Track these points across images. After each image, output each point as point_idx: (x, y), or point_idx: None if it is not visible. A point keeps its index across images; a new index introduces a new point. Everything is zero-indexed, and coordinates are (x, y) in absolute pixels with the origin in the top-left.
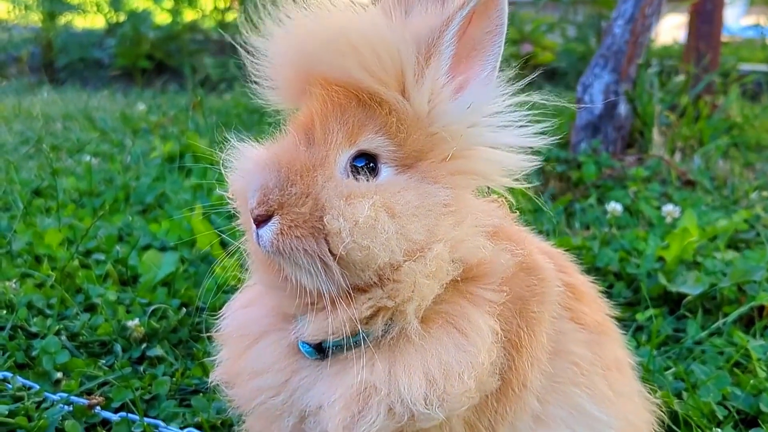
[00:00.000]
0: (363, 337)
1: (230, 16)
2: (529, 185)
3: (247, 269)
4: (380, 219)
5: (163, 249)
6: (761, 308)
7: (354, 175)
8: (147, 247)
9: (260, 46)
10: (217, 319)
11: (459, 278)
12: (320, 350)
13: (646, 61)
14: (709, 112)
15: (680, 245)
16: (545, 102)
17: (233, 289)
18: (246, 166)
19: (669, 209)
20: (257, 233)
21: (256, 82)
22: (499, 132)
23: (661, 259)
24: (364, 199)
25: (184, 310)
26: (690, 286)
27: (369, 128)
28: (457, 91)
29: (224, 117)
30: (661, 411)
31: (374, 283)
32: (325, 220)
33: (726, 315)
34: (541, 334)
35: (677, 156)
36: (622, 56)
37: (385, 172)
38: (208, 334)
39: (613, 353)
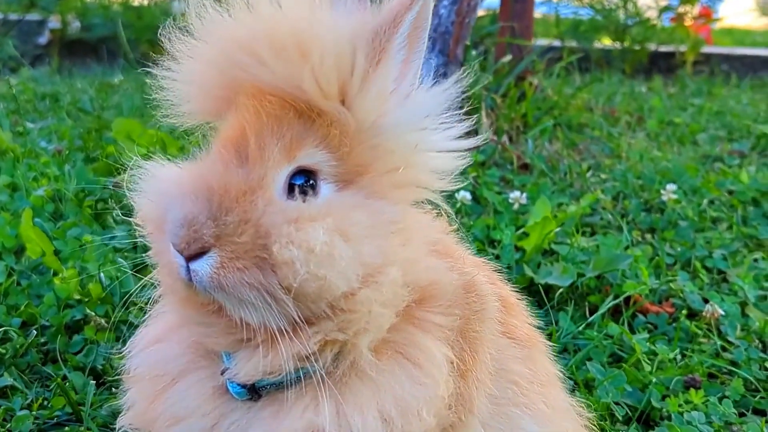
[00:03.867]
0: (305, 373)
1: None
2: (459, 187)
3: (151, 300)
4: (336, 244)
5: None
6: (628, 297)
7: (294, 195)
8: None
9: (175, 54)
10: (120, 352)
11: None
12: (253, 390)
13: (473, 41)
14: (532, 93)
15: (540, 234)
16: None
17: (77, 304)
18: (160, 188)
19: (516, 196)
20: (187, 268)
21: (165, 95)
22: (438, 135)
23: (518, 248)
24: (316, 222)
25: (34, 332)
26: (557, 277)
27: (308, 142)
28: (402, 96)
29: (13, 104)
30: None
31: (324, 314)
32: (273, 249)
33: (591, 305)
34: (484, 355)
35: (504, 139)
36: (449, 37)
37: (326, 189)
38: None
39: (545, 367)
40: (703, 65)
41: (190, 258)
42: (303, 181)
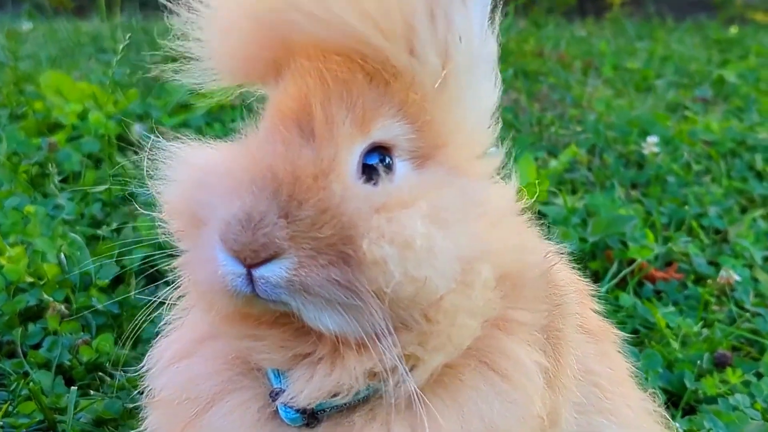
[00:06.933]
0: (374, 393)
1: None
2: None
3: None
4: (434, 236)
5: None
6: (631, 263)
7: (370, 177)
8: None
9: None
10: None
11: None
12: (311, 414)
13: None
14: None
15: (531, 195)
16: None
17: (30, 288)
18: (197, 176)
19: (492, 151)
20: (250, 275)
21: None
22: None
23: None
24: (408, 209)
25: None
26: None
27: (383, 111)
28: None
29: None
30: None
31: (415, 322)
32: (362, 245)
33: (593, 271)
34: (568, 357)
35: None
36: None
37: (402, 168)
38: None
39: (621, 363)
40: (629, 6)
41: (253, 265)
42: (377, 160)
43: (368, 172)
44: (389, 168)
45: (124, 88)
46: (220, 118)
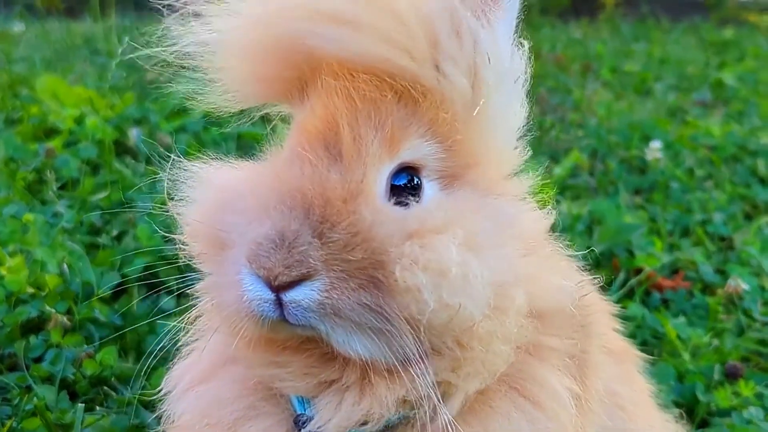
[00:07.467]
0: (403, 419)
1: None
2: None
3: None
4: (469, 263)
5: None
6: (638, 271)
7: (398, 199)
8: None
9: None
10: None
11: None
12: None
13: None
14: None
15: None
16: None
17: (31, 299)
18: (221, 198)
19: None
20: (278, 300)
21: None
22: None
23: None
24: (442, 235)
25: None
26: None
27: (412, 131)
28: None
29: None
30: None
31: (447, 349)
32: (395, 271)
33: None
34: (595, 380)
35: None
36: None
37: (429, 189)
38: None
39: (643, 384)
40: (623, 7)
41: (283, 287)
42: (406, 181)
43: (396, 193)
44: (417, 188)
45: (120, 91)
46: (218, 123)
